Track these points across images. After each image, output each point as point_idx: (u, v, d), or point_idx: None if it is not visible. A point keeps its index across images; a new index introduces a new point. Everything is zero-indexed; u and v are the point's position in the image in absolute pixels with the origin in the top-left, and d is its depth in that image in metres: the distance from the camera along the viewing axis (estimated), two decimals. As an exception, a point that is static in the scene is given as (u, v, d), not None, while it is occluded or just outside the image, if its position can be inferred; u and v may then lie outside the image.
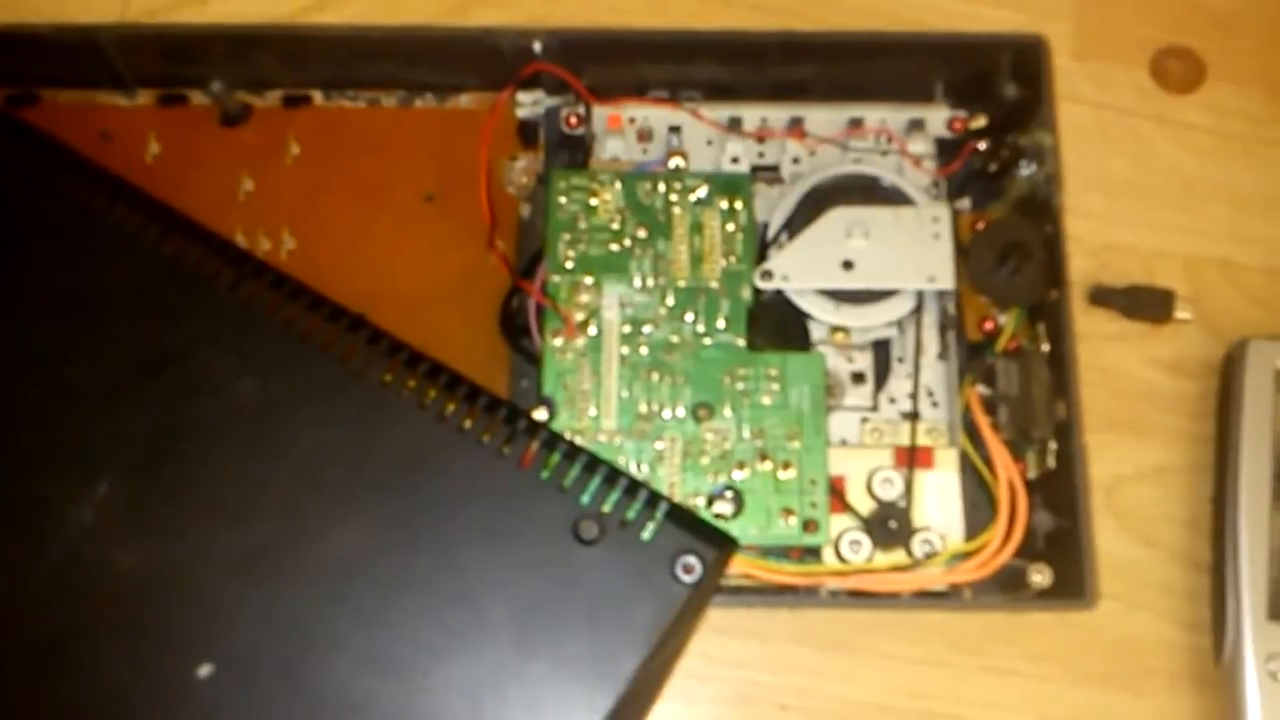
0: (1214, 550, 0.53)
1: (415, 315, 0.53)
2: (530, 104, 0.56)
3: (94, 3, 0.61)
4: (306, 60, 0.57)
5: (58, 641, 0.44)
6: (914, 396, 0.52)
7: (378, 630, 0.43)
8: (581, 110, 0.54)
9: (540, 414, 0.49)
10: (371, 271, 0.55)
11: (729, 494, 0.48)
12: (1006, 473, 0.49)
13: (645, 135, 0.56)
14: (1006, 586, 0.50)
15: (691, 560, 0.43)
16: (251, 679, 0.43)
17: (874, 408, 0.53)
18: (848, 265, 0.51)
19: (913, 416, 0.51)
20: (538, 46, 0.54)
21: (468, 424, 0.45)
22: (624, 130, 0.56)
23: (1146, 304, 0.57)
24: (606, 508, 0.44)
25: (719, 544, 0.44)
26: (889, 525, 0.49)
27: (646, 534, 0.44)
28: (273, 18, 0.60)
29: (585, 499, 0.44)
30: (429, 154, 0.56)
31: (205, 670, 0.43)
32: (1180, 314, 0.57)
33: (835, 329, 0.53)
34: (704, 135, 0.56)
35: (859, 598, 0.49)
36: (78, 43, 0.55)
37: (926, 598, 0.49)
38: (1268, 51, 0.62)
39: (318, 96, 0.58)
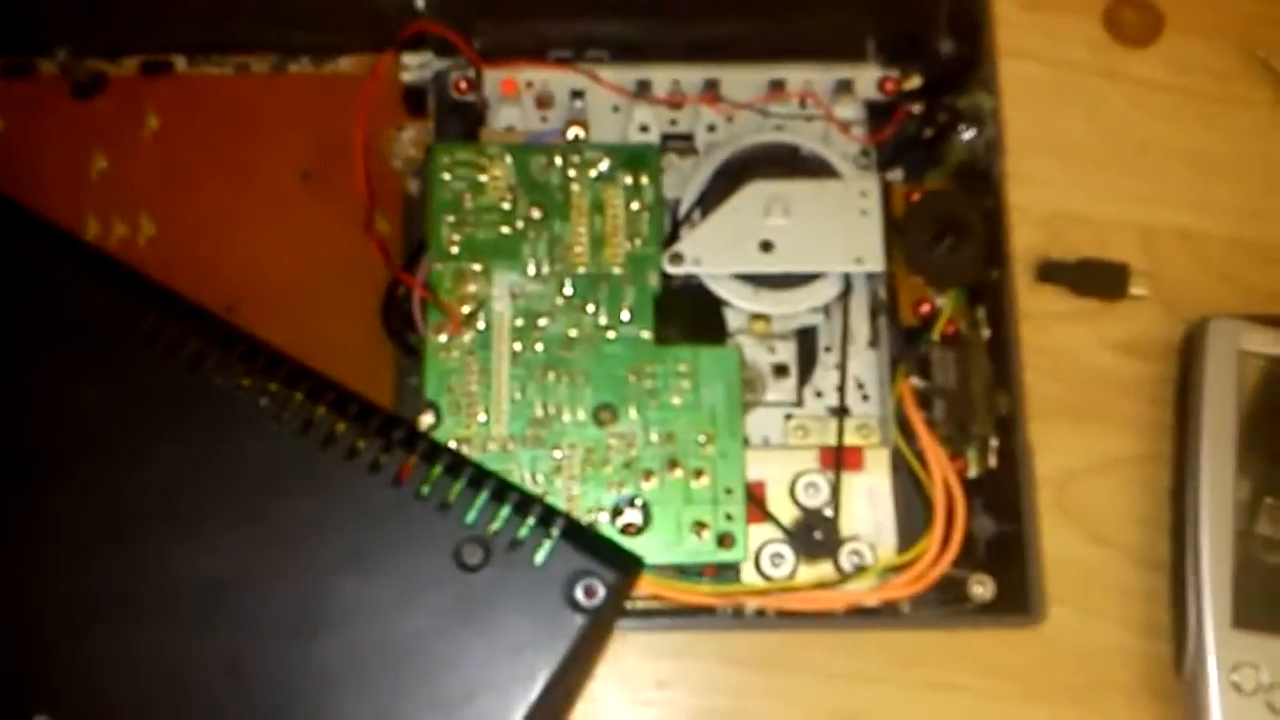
0: (1173, 550, 0.49)
1: (290, 307, 0.49)
2: (417, 67, 0.51)
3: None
4: (167, 21, 0.51)
5: None
6: (842, 390, 0.47)
7: (237, 673, 0.38)
8: (471, 74, 0.49)
9: (428, 420, 0.44)
10: (241, 259, 0.50)
11: (638, 502, 0.43)
12: (942, 473, 0.45)
13: (545, 101, 0.50)
14: (946, 598, 0.46)
15: (592, 584, 0.39)
16: (92, 732, 0.38)
17: (798, 403, 0.48)
18: (767, 246, 0.46)
19: (841, 412, 0.46)
20: (420, 2, 0.48)
21: (336, 435, 0.40)
22: (520, 96, 0.50)
23: (1099, 279, 0.53)
24: (495, 526, 0.40)
25: (622, 565, 0.40)
26: (814, 535, 0.44)
27: (539, 556, 0.39)
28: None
29: (470, 518, 0.40)
30: (305, 125, 0.51)
31: (40, 723, 0.38)
32: (1135, 290, 0.52)
33: (754, 317, 0.48)
34: (609, 101, 0.50)
35: (785, 618, 0.44)
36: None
37: (858, 616, 0.45)
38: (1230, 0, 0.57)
39: (180, 63, 0.52)
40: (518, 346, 0.45)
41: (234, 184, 0.50)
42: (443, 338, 0.44)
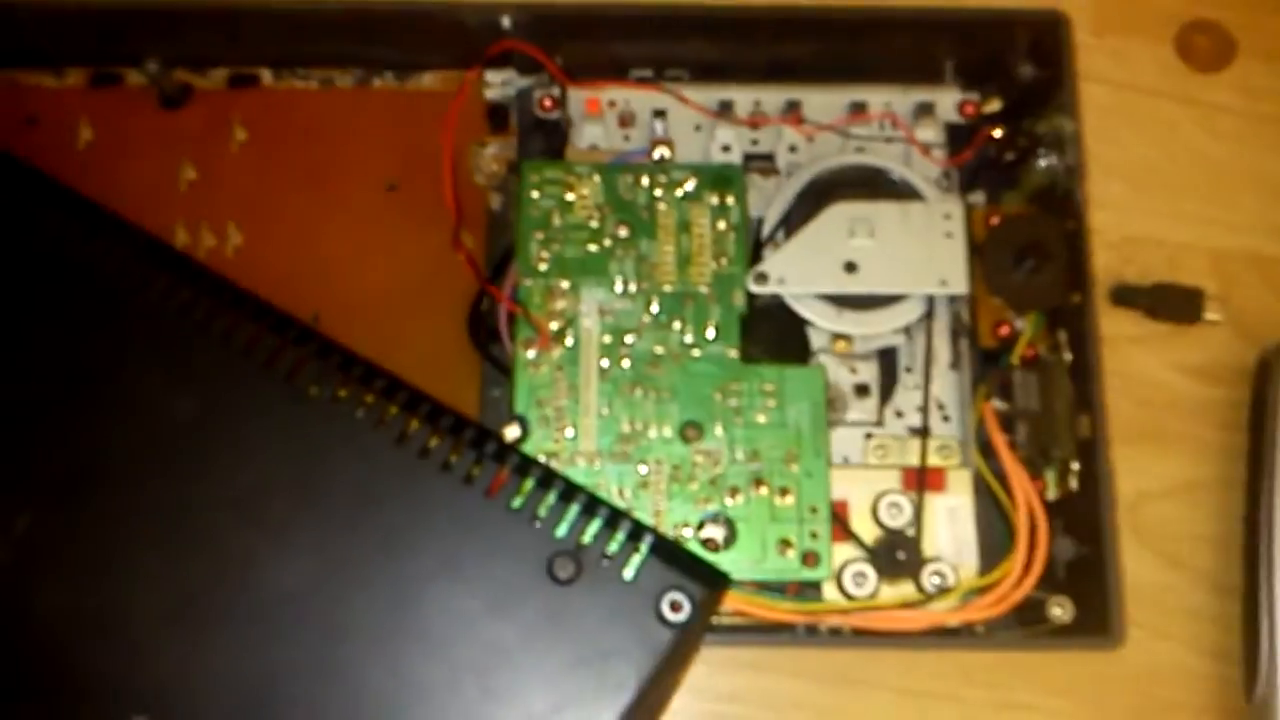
0: (1245, 574, 0.49)
1: (375, 318, 0.49)
2: (500, 84, 0.51)
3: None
4: (253, 36, 0.52)
5: (-29, 697, 0.40)
6: (924, 410, 0.47)
7: (328, 680, 0.39)
8: (556, 92, 0.49)
9: (513, 432, 0.45)
10: (327, 269, 0.50)
11: (723, 519, 0.44)
12: (1025, 497, 0.45)
13: (627, 120, 0.51)
14: (1025, 619, 0.46)
15: (679, 598, 0.39)
16: (188, 737, 0.39)
17: (879, 423, 0.48)
18: (851, 267, 0.46)
19: (923, 433, 0.47)
20: (506, 22, 0.49)
21: (430, 447, 0.41)
22: (603, 115, 0.51)
23: (1172, 304, 0.53)
24: (585, 540, 0.40)
25: (710, 581, 0.40)
26: (896, 556, 0.45)
27: (629, 571, 0.40)
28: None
29: (561, 531, 0.40)
30: (389, 139, 0.52)
31: (137, 725, 0.39)
32: (1209, 315, 0.52)
33: (837, 337, 0.48)
34: (692, 120, 0.51)
35: (859, 636, 0.45)
36: (-9, 15, 0.50)
37: (933, 635, 0.45)
38: (1302, 26, 0.58)
39: (266, 76, 0.53)
40: (605, 363, 0.45)
41: (319, 196, 0.51)
42: (531, 353, 0.45)
